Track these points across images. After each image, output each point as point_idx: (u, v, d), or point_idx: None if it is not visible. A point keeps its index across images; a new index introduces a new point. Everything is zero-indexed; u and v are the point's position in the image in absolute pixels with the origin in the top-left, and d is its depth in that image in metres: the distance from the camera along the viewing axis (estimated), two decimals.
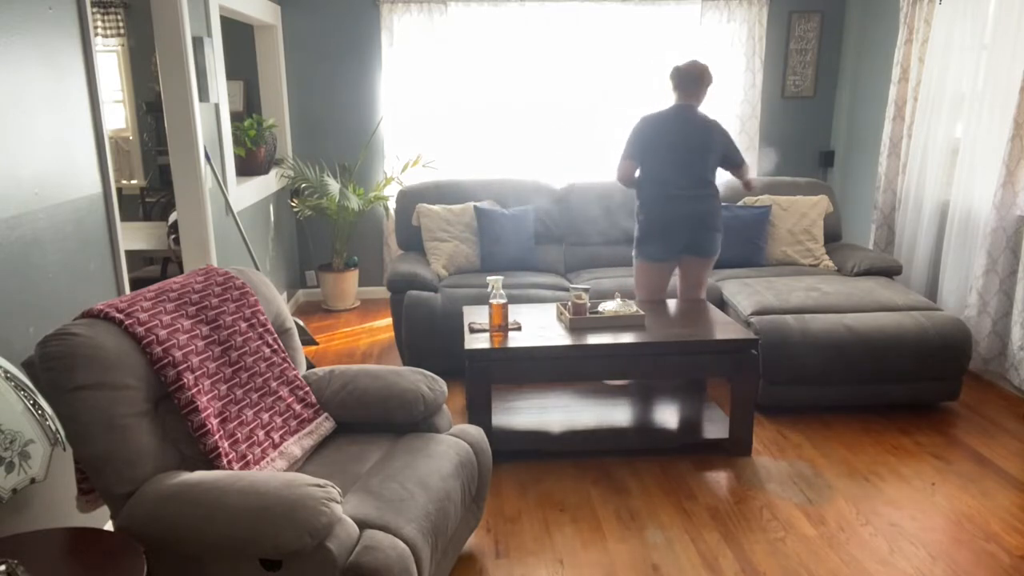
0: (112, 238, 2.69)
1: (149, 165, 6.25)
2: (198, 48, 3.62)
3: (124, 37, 5.99)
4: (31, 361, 1.90)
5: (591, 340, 3.09)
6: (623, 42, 5.35)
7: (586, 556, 2.56)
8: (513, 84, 5.34)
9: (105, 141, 2.61)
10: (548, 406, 3.59)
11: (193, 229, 3.65)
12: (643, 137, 3.56)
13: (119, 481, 1.89)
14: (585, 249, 4.66)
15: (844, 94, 5.54)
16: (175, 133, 3.55)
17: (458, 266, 4.40)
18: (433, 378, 2.53)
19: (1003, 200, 3.82)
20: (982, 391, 3.90)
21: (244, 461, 2.08)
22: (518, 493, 2.96)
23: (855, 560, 2.52)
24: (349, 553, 1.81)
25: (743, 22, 5.32)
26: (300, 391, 2.39)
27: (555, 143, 5.47)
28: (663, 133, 3.54)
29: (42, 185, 2.26)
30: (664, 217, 3.57)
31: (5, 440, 1.60)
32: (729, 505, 2.86)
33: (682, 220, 3.56)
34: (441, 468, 2.23)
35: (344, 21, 5.30)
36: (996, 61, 3.91)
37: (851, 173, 5.52)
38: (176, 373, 2.01)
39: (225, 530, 1.76)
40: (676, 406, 3.59)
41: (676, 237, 3.58)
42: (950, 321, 3.56)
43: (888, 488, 2.97)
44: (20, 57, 2.17)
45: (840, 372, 3.50)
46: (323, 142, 5.50)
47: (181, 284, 2.24)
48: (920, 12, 4.50)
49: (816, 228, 4.53)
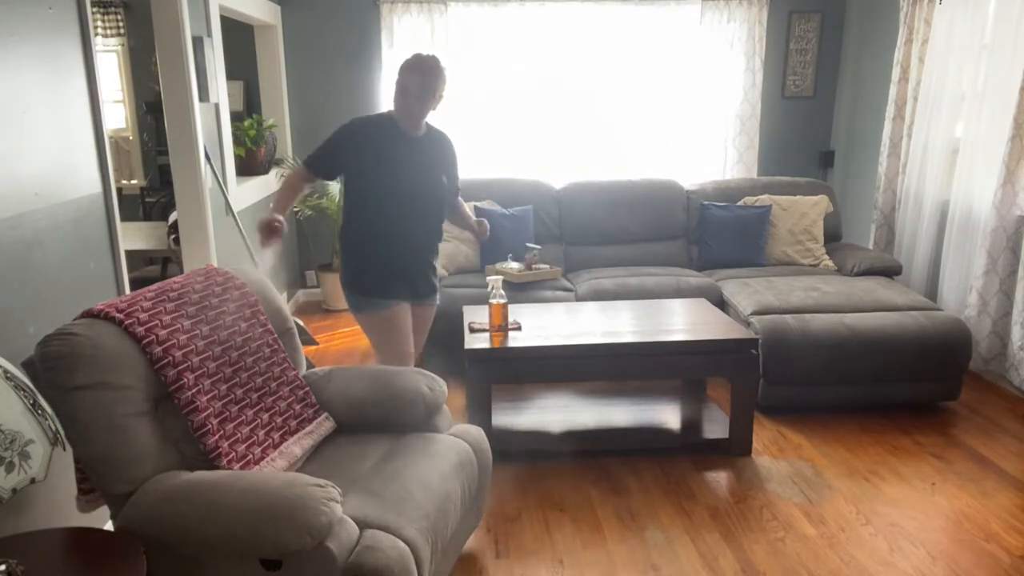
0: (112, 238, 2.69)
1: (149, 165, 6.25)
2: (198, 48, 3.62)
3: (124, 37, 5.99)
4: (31, 361, 1.90)
5: (585, 338, 3.09)
6: (623, 42, 5.35)
7: (586, 556, 2.56)
8: (513, 84, 5.34)
9: (105, 141, 2.61)
10: (548, 406, 3.59)
11: (193, 229, 3.65)
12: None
13: (119, 481, 1.89)
14: (585, 249, 4.65)
15: (844, 94, 5.54)
16: (175, 133, 3.55)
17: (458, 266, 4.40)
18: (433, 378, 2.53)
19: (1003, 200, 3.82)
20: (982, 391, 3.90)
21: (244, 461, 2.08)
22: (518, 493, 2.96)
23: (855, 560, 2.52)
24: (349, 553, 1.81)
25: (743, 22, 5.31)
26: (300, 391, 2.39)
27: (555, 143, 5.48)
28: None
29: (42, 185, 2.26)
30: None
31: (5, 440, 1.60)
32: (729, 505, 2.86)
33: None
34: (441, 468, 2.23)
35: (344, 21, 5.30)
36: (996, 61, 3.91)
37: (851, 173, 5.52)
38: (176, 373, 2.01)
39: (225, 530, 1.76)
40: (676, 406, 3.59)
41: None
42: (950, 321, 3.56)
43: (888, 488, 2.97)
44: (20, 57, 2.17)
45: (840, 372, 3.50)
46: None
47: (181, 284, 2.24)
48: (920, 12, 4.50)
49: (816, 228, 4.53)
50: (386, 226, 2.78)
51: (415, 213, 2.80)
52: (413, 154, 2.77)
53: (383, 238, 2.79)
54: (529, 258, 4.18)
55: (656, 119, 5.49)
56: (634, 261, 4.57)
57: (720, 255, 4.51)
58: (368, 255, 2.81)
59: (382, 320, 2.84)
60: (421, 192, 2.79)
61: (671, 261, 4.60)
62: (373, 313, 2.83)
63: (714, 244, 4.53)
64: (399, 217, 2.77)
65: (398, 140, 2.75)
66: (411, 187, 2.76)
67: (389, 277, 2.83)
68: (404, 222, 2.79)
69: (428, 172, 2.81)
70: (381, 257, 2.81)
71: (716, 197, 4.67)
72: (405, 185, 2.74)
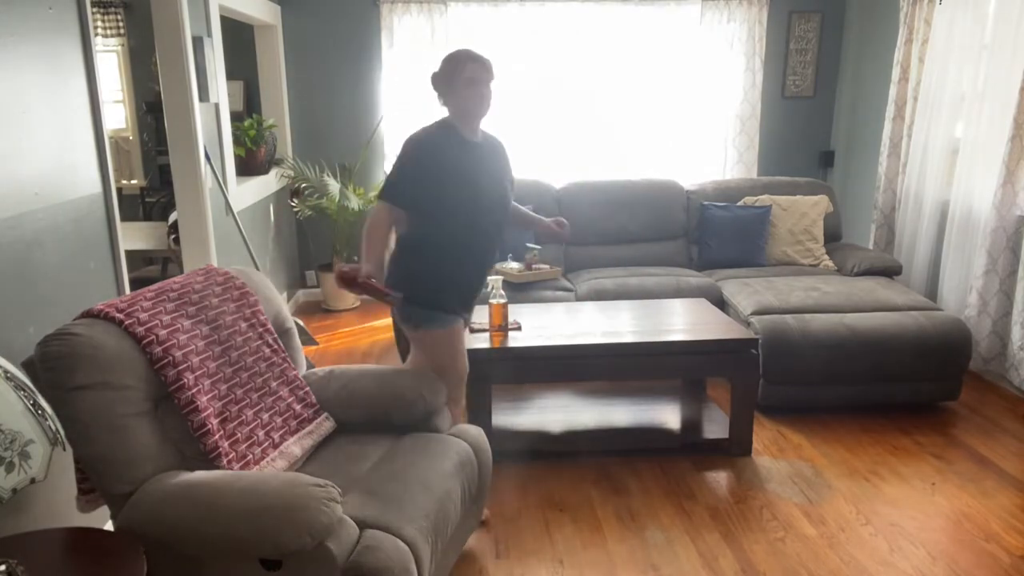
0: (112, 238, 2.69)
1: (149, 165, 6.25)
2: (198, 48, 3.62)
3: (124, 37, 5.99)
4: (31, 361, 1.89)
5: (585, 338, 3.09)
6: (623, 42, 5.35)
7: (586, 556, 2.56)
8: (513, 84, 5.33)
9: (105, 141, 2.61)
10: (548, 406, 3.59)
11: (193, 229, 3.65)
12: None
13: (119, 481, 1.89)
14: (585, 249, 4.65)
15: (844, 94, 5.54)
16: (175, 133, 3.55)
17: None
18: (433, 378, 2.53)
19: (1003, 200, 3.82)
20: (982, 391, 3.90)
21: (244, 461, 2.08)
22: (518, 493, 2.96)
23: (855, 560, 2.52)
24: (349, 553, 1.81)
25: (743, 22, 5.31)
26: (300, 391, 2.39)
27: (555, 143, 5.48)
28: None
29: (42, 185, 2.26)
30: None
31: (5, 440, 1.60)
32: (729, 505, 2.86)
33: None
34: (441, 468, 2.23)
35: (344, 21, 5.30)
36: (996, 61, 3.91)
37: (851, 173, 5.52)
38: (176, 373, 2.01)
39: (225, 530, 1.76)
40: (676, 406, 3.59)
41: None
42: (950, 321, 3.56)
43: (888, 488, 2.97)
44: (20, 57, 2.17)
45: (840, 372, 3.50)
46: (323, 142, 5.50)
47: (181, 284, 2.24)
48: (920, 12, 4.50)
49: (816, 228, 4.53)
50: (466, 239, 2.57)
51: (491, 223, 2.62)
52: (482, 162, 2.59)
53: (461, 252, 2.58)
54: (529, 258, 4.18)
55: (656, 119, 5.49)
56: (634, 261, 4.57)
57: (720, 255, 4.51)
58: (447, 271, 2.58)
59: (452, 335, 2.63)
60: (495, 201, 2.61)
61: (671, 261, 4.60)
62: (442, 328, 2.60)
63: (714, 244, 4.53)
64: (478, 230, 2.58)
65: (465, 149, 2.55)
66: (487, 198, 2.57)
67: (467, 292, 2.65)
68: (482, 235, 2.61)
69: (498, 179, 2.63)
70: (459, 272, 2.61)
71: (716, 197, 4.67)
72: (483, 198, 2.56)
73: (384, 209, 2.50)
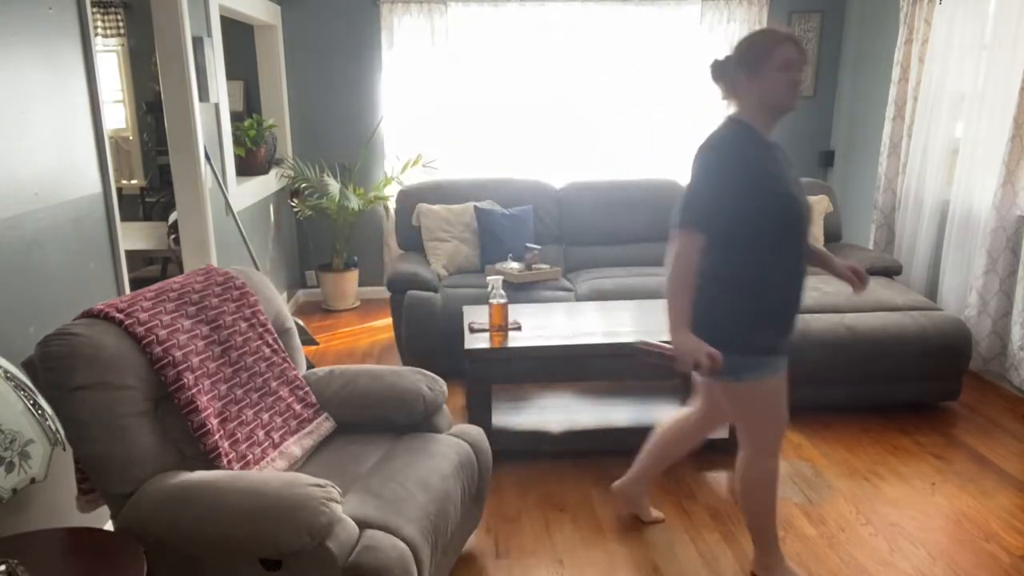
0: (112, 238, 2.69)
1: (149, 165, 6.24)
2: (198, 48, 3.62)
3: (124, 37, 5.99)
4: (31, 361, 1.90)
5: (585, 337, 3.09)
6: (623, 42, 5.35)
7: (586, 556, 2.56)
8: (513, 84, 5.34)
9: (105, 141, 2.61)
10: (548, 406, 3.59)
11: (193, 229, 3.65)
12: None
13: (119, 481, 1.89)
14: (585, 249, 4.65)
15: (844, 94, 5.54)
16: (175, 133, 3.55)
17: (458, 266, 4.40)
18: (433, 378, 2.53)
19: (1003, 200, 3.82)
20: (982, 391, 3.90)
21: (244, 461, 2.08)
22: (518, 493, 2.96)
23: (855, 560, 2.52)
24: (349, 553, 1.81)
25: (743, 22, 5.31)
26: (300, 391, 2.39)
27: (555, 143, 5.47)
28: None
29: (42, 185, 2.26)
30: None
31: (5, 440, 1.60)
32: (729, 505, 2.86)
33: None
34: (441, 468, 2.23)
35: (344, 21, 5.30)
36: (996, 61, 3.91)
37: (851, 173, 5.52)
38: (176, 373, 2.01)
39: (225, 530, 1.76)
40: (676, 406, 3.59)
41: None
42: (950, 321, 3.56)
43: (888, 488, 2.97)
44: (20, 57, 2.17)
45: (840, 372, 3.50)
46: (323, 142, 5.50)
47: (181, 284, 2.24)
48: (920, 12, 4.49)
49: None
50: (787, 260, 2.12)
51: (803, 233, 2.13)
52: (784, 164, 2.13)
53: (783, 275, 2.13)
54: (529, 258, 4.18)
55: (656, 119, 5.49)
56: (634, 261, 4.57)
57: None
58: (769, 302, 2.13)
59: (780, 383, 2.21)
60: (806, 207, 2.13)
61: None
62: (774, 375, 2.18)
63: None
64: (795, 245, 2.12)
65: (770, 151, 2.10)
66: (800, 205, 2.10)
67: (792, 320, 2.19)
68: (800, 249, 2.14)
69: (799, 183, 2.16)
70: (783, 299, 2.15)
71: None
72: (797, 206, 2.09)
73: (691, 242, 2.03)
